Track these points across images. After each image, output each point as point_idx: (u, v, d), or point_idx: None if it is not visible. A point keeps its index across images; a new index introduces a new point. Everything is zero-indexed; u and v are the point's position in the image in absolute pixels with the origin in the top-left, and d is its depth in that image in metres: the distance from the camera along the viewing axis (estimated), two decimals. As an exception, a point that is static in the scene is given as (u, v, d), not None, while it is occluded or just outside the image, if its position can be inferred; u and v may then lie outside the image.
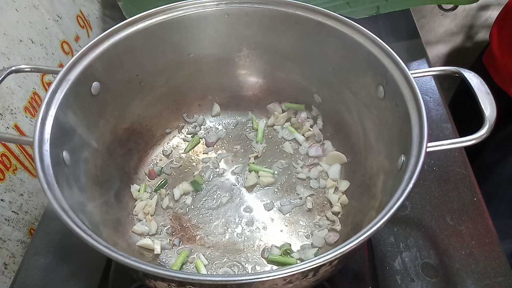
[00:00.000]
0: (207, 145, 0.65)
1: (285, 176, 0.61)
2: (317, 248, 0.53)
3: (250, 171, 0.61)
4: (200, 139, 0.66)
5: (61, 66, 0.64)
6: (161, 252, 0.53)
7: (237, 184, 0.61)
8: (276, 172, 0.61)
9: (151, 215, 0.57)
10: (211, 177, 0.62)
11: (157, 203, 0.59)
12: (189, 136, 0.66)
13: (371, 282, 0.50)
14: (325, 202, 0.58)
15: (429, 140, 0.40)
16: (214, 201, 0.59)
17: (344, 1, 0.78)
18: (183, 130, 0.66)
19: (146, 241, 0.54)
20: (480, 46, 1.26)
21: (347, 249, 0.35)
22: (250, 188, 0.60)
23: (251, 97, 0.67)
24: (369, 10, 0.76)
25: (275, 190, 0.60)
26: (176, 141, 0.66)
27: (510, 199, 0.81)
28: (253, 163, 0.62)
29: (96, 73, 0.51)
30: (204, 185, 0.61)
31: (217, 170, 0.62)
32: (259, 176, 0.60)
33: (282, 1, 0.55)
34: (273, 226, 0.56)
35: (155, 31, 0.55)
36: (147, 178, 0.61)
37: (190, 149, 0.65)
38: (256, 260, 0.53)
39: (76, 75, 0.48)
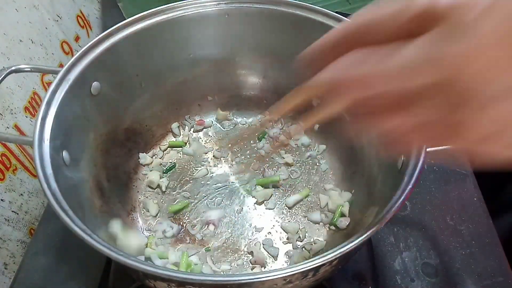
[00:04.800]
0: (207, 145, 0.65)
1: (285, 176, 0.61)
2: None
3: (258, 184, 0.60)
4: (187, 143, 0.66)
5: (61, 66, 0.64)
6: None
7: (236, 184, 0.61)
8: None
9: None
10: (211, 177, 0.62)
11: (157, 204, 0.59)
12: (188, 136, 0.66)
13: (371, 282, 0.50)
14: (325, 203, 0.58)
15: (429, 140, 0.40)
16: (214, 201, 0.59)
17: (344, -2, 0.78)
18: (183, 131, 0.66)
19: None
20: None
21: (347, 249, 0.35)
22: (249, 189, 0.60)
23: (251, 97, 0.67)
24: None
25: (275, 190, 0.60)
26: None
27: None
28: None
29: (96, 73, 0.51)
30: (203, 185, 0.61)
31: (217, 170, 0.62)
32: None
33: (282, 1, 0.55)
34: (273, 226, 0.56)
35: (155, 31, 0.55)
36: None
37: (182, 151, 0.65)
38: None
39: (76, 75, 0.48)
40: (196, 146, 0.65)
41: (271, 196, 0.59)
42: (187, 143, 0.65)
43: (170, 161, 0.63)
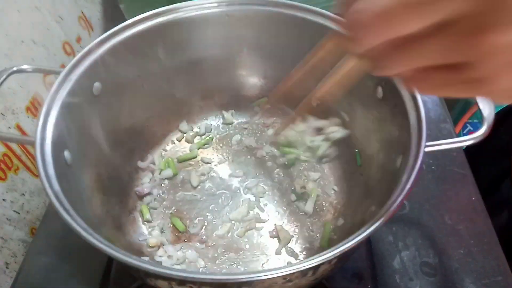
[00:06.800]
0: (207, 145, 0.66)
1: (285, 177, 0.62)
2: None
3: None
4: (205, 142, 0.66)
5: (63, 66, 0.64)
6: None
7: (237, 183, 0.61)
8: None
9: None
10: (211, 177, 0.62)
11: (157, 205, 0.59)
12: (190, 135, 0.66)
13: (370, 281, 0.51)
14: (324, 203, 0.58)
15: (427, 140, 0.41)
16: (214, 201, 0.59)
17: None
18: (183, 129, 0.67)
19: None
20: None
21: (346, 248, 0.35)
22: (249, 189, 0.60)
23: (251, 98, 0.68)
24: None
25: (275, 191, 0.60)
26: (176, 141, 0.66)
27: None
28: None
29: (97, 73, 0.51)
30: (203, 185, 0.61)
31: (217, 170, 0.63)
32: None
33: (282, 3, 0.56)
34: (274, 225, 0.56)
35: (156, 33, 0.55)
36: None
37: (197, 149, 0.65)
38: (256, 258, 0.53)
39: (77, 75, 0.48)
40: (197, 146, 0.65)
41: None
42: (189, 144, 0.66)
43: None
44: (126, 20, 0.54)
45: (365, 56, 0.25)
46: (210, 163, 0.63)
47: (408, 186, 0.38)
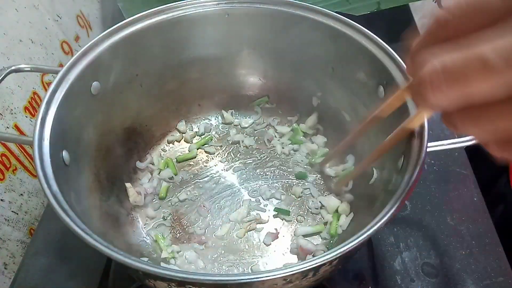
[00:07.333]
0: (206, 145, 0.65)
1: (284, 176, 0.61)
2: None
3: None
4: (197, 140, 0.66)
5: (61, 66, 0.64)
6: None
7: (237, 184, 0.61)
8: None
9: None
10: (211, 176, 0.62)
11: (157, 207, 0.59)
12: (189, 135, 0.66)
13: (371, 282, 0.50)
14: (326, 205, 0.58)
15: (429, 140, 0.40)
16: (214, 201, 0.59)
17: (344, -2, 0.77)
18: (182, 129, 0.66)
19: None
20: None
21: (347, 249, 0.35)
22: (249, 189, 0.60)
23: (251, 97, 0.67)
24: (369, 6, 0.75)
25: (276, 191, 0.60)
26: (175, 141, 0.66)
27: None
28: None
29: (96, 73, 0.51)
30: (204, 185, 0.61)
31: (217, 169, 0.62)
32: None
33: (282, 1, 0.55)
34: (273, 225, 0.56)
35: (154, 31, 0.55)
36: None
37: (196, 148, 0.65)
38: (256, 260, 0.53)
39: (75, 75, 0.48)
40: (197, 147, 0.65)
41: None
42: (188, 145, 0.65)
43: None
44: (124, 18, 0.53)
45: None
46: (208, 163, 0.63)
47: (409, 186, 0.38)
